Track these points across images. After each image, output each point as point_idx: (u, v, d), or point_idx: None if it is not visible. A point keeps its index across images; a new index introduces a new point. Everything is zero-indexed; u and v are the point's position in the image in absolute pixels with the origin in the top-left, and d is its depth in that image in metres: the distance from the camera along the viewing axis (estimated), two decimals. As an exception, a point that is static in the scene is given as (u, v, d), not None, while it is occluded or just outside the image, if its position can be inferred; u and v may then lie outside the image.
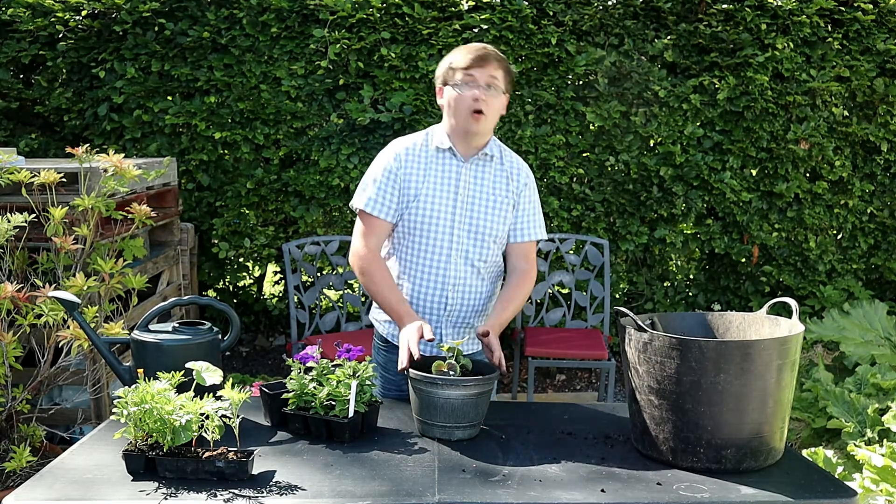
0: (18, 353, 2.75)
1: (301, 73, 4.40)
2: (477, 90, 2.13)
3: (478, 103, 2.13)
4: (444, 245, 2.21)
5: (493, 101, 2.16)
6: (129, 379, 1.97)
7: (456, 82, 2.16)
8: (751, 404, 1.69)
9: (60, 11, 4.32)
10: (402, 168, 2.22)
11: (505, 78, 2.18)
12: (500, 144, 2.32)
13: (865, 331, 4.10)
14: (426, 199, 2.20)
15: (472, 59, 2.14)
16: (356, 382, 1.88)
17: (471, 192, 2.22)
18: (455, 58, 2.18)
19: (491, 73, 2.14)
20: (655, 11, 4.64)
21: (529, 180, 2.32)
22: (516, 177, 2.29)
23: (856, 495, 1.65)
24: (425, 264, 2.23)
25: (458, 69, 2.16)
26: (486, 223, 2.22)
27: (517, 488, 1.62)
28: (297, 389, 1.91)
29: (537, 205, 2.34)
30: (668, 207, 4.70)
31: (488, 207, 2.23)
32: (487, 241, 2.23)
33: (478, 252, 2.22)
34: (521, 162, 2.34)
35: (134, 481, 1.62)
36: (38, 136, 4.59)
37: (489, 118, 2.17)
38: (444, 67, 2.21)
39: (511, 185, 2.27)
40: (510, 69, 2.22)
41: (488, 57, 2.15)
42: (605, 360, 4.04)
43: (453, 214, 2.20)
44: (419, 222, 2.20)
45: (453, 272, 2.22)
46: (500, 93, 2.17)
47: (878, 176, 4.88)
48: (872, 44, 4.64)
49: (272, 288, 5.77)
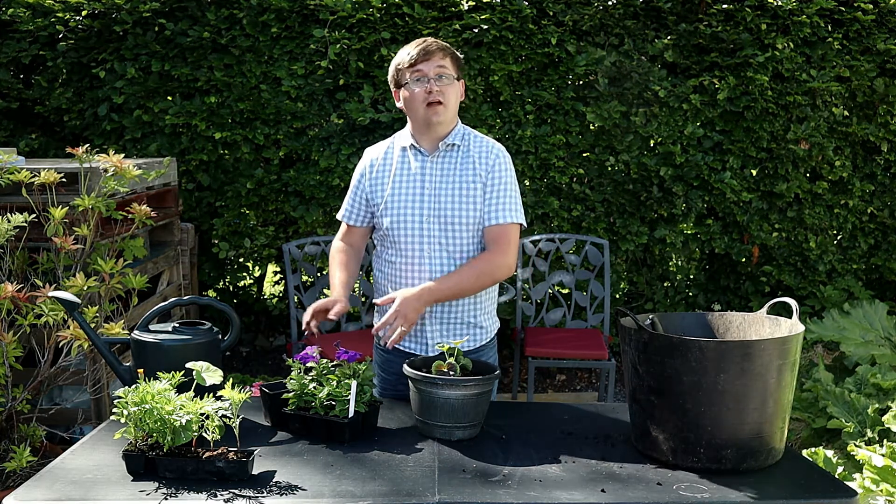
0: (18, 353, 2.76)
1: (301, 73, 4.40)
2: (428, 83, 2.15)
3: (432, 95, 2.15)
4: (417, 241, 2.22)
5: (448, 89, 2.17)
6: (129, 379, 1.97)
7: (407, 81, 2.18)
8: (751, 404, 1.69)
9: (60, 11, 4.32)
10: (368, 177, 2.30)
11: (453, 65, 2.19)
12: (467, 131, 2.28)
13: (865, 331, 4.10)
14: (395, 199, 2.24)
15: (417, 54, 2.15)
16: (356, 383, 1.88)
17: (438, 184, 2.22)
18: (401, 58, 2.20)
19: (437, 63, 2.15)
20: (655, 11, 4.64)
21: (499, 160, 2.23)
22: (484, 159, 2.23)
23: (856, 495, 1.65)
24: (404, 264, 2.24)
25: (405, 68, 2.18)
26: (456, 212, 2.20)
27: (517, 488, 1.62)
28: (297, 389, 1.91)
29: (509, 186, 2.23)
30: (668, 207, 4.70)
31: (456, 196, 2.20)
32: (460, 231, 2.21)
33: (453, 243, 2.21)
34: (490, 145, 2.26)
35: (134, 481, 1.62)
36: (38, 136, 4.60)
37: (448, 106, 2.18)
38: (392, 71, 2.23)
39: (479, 169, 2.22)
40: (457, 55, 2.23)
41: (431, 48, 2.16)
42: (605, 360, 4.03)
43: (421, 209, 2.21)
44: (392, 223, 2.24)
45: (428, 267, 2.21)
46: (453, 80, 2.19)
47: (878, 176, 4.88)
48: (872, 44, 4.64)
49: (272, 288, 5.77)
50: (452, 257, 2.22)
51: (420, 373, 1.90)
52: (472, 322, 2.29)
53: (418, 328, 2.27)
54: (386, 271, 2.30)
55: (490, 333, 2.36)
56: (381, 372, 2.38)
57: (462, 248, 2.22)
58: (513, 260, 2.22)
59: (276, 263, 5.04)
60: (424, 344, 2.28)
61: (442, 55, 2.17)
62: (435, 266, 2.21)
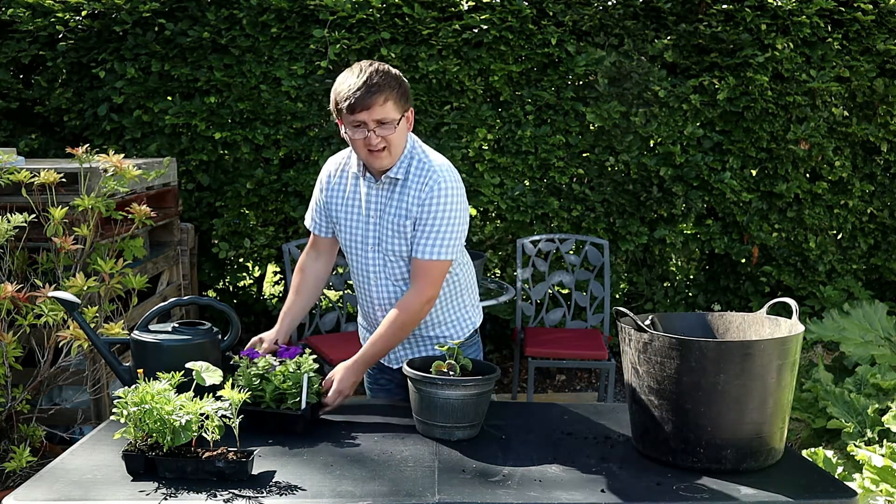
0: (18, 353, 2.75)
1: (301, 73, 4.40)
2: (369, 134, 2.01)
3: (372, 145, 2.02)
4: (364, 266, 2.22)
5: (390, 137, 2.03)
6: (129, 379, 1.97)
7: (347, 124, 2.04)
8: (751, 404, 1.69)
9: (60, 11, 4.32)
10: (326, 192, 2.27)
11: (396, 106, 2.02)
12: (415, 157, 2.12)
13: (865, 331, 4.09)
14: (346, 222, 2.23)
15: (355, 101, 1.97)
16: (307, 375, 1.93)
17: (380, 215, 2.16)
18: (340, 94, 2.01)
19: (377, 115, 1.99)
20: (655, 11, 4.64)
21: (432, 194, 2.07)
22: (417, 194, 2.09)
23: (856, 495, 1.65)
24: (359, 283, 2.27)
25: (344, 112, 2.00)
26: (393, 244, 2.14)
27: (517, 488, 1.62)
28: (247, 385, 1.93)
29: (438, 221, 2.08)
30: (668, 208, 4.70)
31: (392, 228, 2.13)
32: (398, 262, 2.16)
33: (397, 272, 2.18)
34: (427, 176, 2.09)
35: (134, 482, 1.62)
36: (38, 137, 4.59)
37: (392, 151, 2.06)
38: (332, 99, 2.06)
39: (411, 205, 2.10)
40: (401, 88, 2.03)
41: (370, 95, 1.97)
42: (605, 360, 4.03)
43: (366, 237, 2.19)
44: (344, 246, 2.26)
45: (376, 293, 2.21)
46: (395, 125, 2.02)
47: (878, 176, 4.88)
48: (872, 44, 4.64)
49: (272, 288, 5.77)
50: (395, 284, 2.19)
51: (420, 373, 1.90)
52: (433, 335, 2.26)
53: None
54: (355, 287, 2.32)
55: (461, 335, 2.28)
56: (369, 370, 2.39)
57: (403, 275, 2.18)
58: (434, 293, 2.13)
59: (276, 263, 5.04)
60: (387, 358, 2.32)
61: (382, 100, 1.98)
62: (382, 293, 2.21)
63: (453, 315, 2.28)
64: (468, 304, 2.32)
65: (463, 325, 2.30)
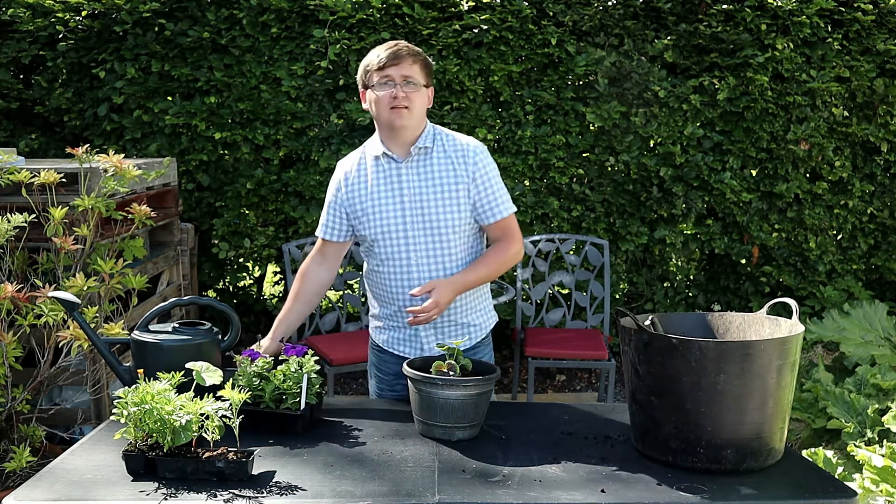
0: (18, 353, 2.76)
1: (301, 73, 4.40)
2: (395, 88, 2.13)
3: (396, 100, 2.13)
4: (402, 249, 2.20)
5: (414, 95, 2.15)
6: (129, 379, 1.97)
7: (374, 83, 2.16)
8: (751, 405, 1.69)
9: (60, 12, 4.32)
10: (343, 191, 2.26)
11: (422, 72, 2.17)
12: (437, 132, 2.25)
13: (865, 331, 4.10)
14: (374, 210, 2.21)
15: (386, 58, 2.13)
16: (308, 376, 1.93)
17: (417, 190, 2.19)
18: (370, 59, 2.17)
19: (405, 71, 2.13)
20: (655, 12, 4.64)
21: (479, 157, 2.22)
22: (463, 159, 2.21)
23: (856, 496, 1.65)
24: (389, 274, 2.23)
25: (373, 71, 2.15)
26: (441, 215, 2.18)
27: (517, 488, 1.62)
28: (247, 385, 1.92)
29: (497, 179, 2.24)
30: (668, 208, 4.70)
31: (438, 199, 2.18)
32: (447, 233, 2.19)
33: (439, 247, 2.20)
34: (466, 144, 2.24)
35: (134, 482, 1.62)
36: (38, 137, 4.60)
37: (412, 112, 2.15)
38: (361, 72, 2.21)
39: (459, 170, 2.20)
40: (427, 62, 2.20)
41: (401, 54, 2.14)
42: (605, 360, 4.03)
43: (403, 216, 2.19)
44: (373, 235, 2.22)
45: (416, 274, 2.20)
46: (420, 87, 2.16)
47: (878, 176, 4.88)
48: (872, 44, 4.64)
49: (272, 288, 5.77)
50: (439, 262, 2.20)
51: (420, 373, 1.90)
52: (464, 322, 2.29)
53: (411, 333, 2.27)
54: (375, 283, 2.29)
55: (485, 330, 2.35)
56: (377, 372, 2.38)
57: (448, 250, 2.20)
58: (522, 245, 2.30)
59: (276, 264, 5.04)
60: (419, 349, 2.28)
61: (412, 61, 2.14)
62: (423, 272, 2.20)
63: (483, 303, 2.35)
64: (489, 295, 2.41)
65: (489, 313, 2.38)
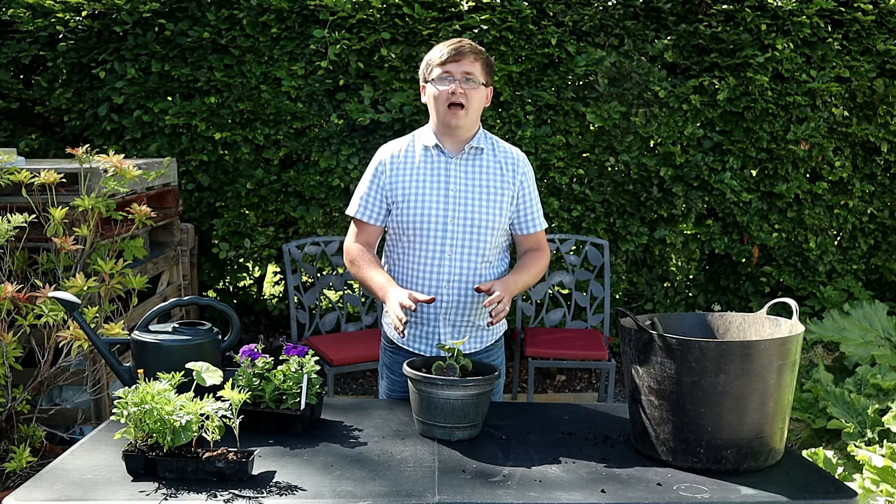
0: (18, 353, 2.75)
1: (301, 73, 4.40)
2: (454, 84, 2.15)
3: (455, 97, 2.15)
4: (438, 242, 2.20)
5: (472, 93, 2.17)
6: (129, 379, 1.97)
7: (434, 78, 2.18)
8: (751, 405, 1.69)
9: (60, 12, 4.32)
10: (387, 173, 2.25)
11: (483, 70, 2.19)
12: (491, 137, 2.31)
13: (865, 331, 4.10)
14: (416, 198, 2.21)
15: (447, 54, 2.15)
16: (308, 376, 1.93)
17: (463, 186, 2.21)
18: (433, 54, 2.21)
19: (466, 67, 2.15)
20: (655, 12, 4.64)
21: (527, 168, 2.31)
22: (512, 167, 2.27)
23: (856, 496, 1.65)
24: (418, 263, 2.22)
25: (434, 65, 2.18)
26: (483, 214, 2.21)
27: (517, 489, 1.62)
28: (247, 385, 1.92)
29: (537, 193, 2.35)
30: (668, 208, 4.70)
31: (483, 199, 2.21)
32: (485, 233, 2.21)
33: (475, 245, 2.21)
34: (517, 153, 2.32)
35: (134, 482, 1.62)
36: (38, 137, 4.60)
37: (469, 111, 2.17)
38: (423, 66, 2.25)
39: (507, 176, 2.25)
40: (489, 61, 2.22)
41: (463, 51, 2.16)
42: (605, 360, 4.03)
43: (446, 210, 2.20)
44: (410, 222, 2.21)
45: (448, 268, 2.21)
46: (479, 85, 2.18)
47: (878, 176, 4.88)
48: (872, 44, 4.64)
49: (272, 288, 5.77)
50: (471, 259, 2.21)
51: (420, 373, 1.90)
52: (481, 324, 2.29)
53: (429, 330, 2.26)
54: (401, 271, 2.26)
55: (497, 333, 2.36)
56: (389, 374, 2.37)
57: (483, 251, 2.22)
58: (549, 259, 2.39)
59: (276, 264, 5.04)
60: (435, 347, 2.27)
61: (473, 58, 2.16)
62: (454, 267, 2.21)
63: None
64: None
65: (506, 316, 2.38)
